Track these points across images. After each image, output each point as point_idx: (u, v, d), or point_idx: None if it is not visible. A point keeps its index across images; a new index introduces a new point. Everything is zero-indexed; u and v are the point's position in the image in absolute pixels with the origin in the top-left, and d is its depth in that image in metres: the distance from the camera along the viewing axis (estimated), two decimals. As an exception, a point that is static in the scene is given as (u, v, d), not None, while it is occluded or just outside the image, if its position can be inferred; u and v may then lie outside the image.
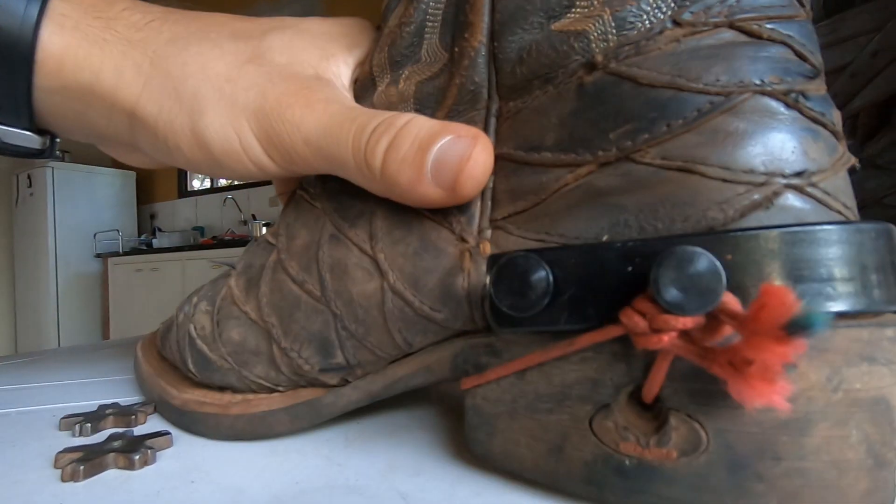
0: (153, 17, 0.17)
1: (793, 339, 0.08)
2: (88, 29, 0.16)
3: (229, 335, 0.17)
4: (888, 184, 0.31)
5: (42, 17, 0.15)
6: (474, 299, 0.13)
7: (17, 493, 0.14)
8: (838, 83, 0.32)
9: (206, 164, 0.17)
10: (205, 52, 0.16)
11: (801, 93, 0.11)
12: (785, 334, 0.08)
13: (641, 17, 0.12)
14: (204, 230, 3.24)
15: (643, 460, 0.11)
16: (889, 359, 0.10)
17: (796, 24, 0.12)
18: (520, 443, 0.13)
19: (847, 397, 0.10)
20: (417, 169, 0.13)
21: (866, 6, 0.30)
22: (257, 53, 0.17)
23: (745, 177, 0.11)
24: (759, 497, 0.10)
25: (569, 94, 0.13)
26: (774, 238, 0.10)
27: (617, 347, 0.11)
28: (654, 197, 0.11)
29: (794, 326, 0.08)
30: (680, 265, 0.10)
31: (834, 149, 0.11)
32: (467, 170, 0.13)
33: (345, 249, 0.15)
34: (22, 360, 0.35)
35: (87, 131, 0.18)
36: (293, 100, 0.15)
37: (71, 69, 0.16)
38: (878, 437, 0.10)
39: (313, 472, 0.15)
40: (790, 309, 0.08)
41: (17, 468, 0.16)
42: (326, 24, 0.18)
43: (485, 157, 0.13)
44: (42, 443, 0.18)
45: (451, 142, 0.13)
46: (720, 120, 0.11)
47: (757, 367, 0.09)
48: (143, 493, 0.14)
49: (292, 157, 0.16)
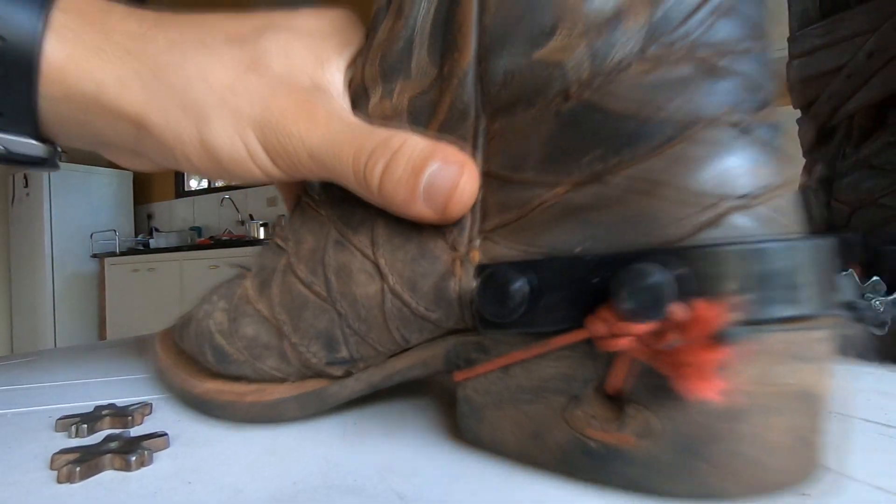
0: (149, 25, 0.18)
1: (719, 347, 0.10)
2: (88, 39, 0.17)
3: (244, 331, 0.20)
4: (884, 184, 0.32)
5: (46, 29, 0.16)
6: (465, 302, 0.15)
7: (13, 495, 0.14)
8: (835, 84, 0.33)
9: (215, 171, 0.18)
10: (204, 60, 0.17)
11: (750, 122, 0.13)
12: (713, 343, 0.10)
13: (613, 51, 0.14)
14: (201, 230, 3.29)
15: (607, 444, 0.13)
16: (815, 357, 0.12)
17: (751, 57, 0.14)
18: (504, 429, 0.15)
19: (778, 391, 0.12)
20: (411, 191, 0.15)
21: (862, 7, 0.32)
22: (255, 59, 0.18)
23: (698, 198, 0.13)
24: (701, 475, 0.12)
25: (548, 118, 0.15)
26: (720, 253, 0.12)
27: (586, 348, 0.13)
28: (621, 215, 0.13)
29: (720, 337, 0.10)
30: (635, 280, 0.12)
31: (780, 171, 0.13)
32: (455, 197, 0.15)
33: (349, 254, 0.18)
34: (18, 360, 0.35)
35: (91, 139, 0.19)
36: (297, 114, 0.17)
37: (74, 79, 0.17)
38: (805, 424, 0.12)
39: (311, 473, 0.15)
40: (718, 322, 0.10)
41: (13, 469, 0.16)
42: (316, 21, 0.19)
43: (471, 185, 0.15)
44: (38, 444, 0.18)
45: (440, 169, 0.15)
46: (679, 147, 0.13)
47: (693, 368, 0.11)
48: (139, 495, 0.14)
49: (297, 166, 0.17)
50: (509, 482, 0.14)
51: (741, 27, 0.14)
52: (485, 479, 0.14)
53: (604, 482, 0.13)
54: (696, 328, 0.11)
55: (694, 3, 0.13)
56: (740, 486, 0.12)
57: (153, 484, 0.15)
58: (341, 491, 0.14)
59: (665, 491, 0.13)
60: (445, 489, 0.14)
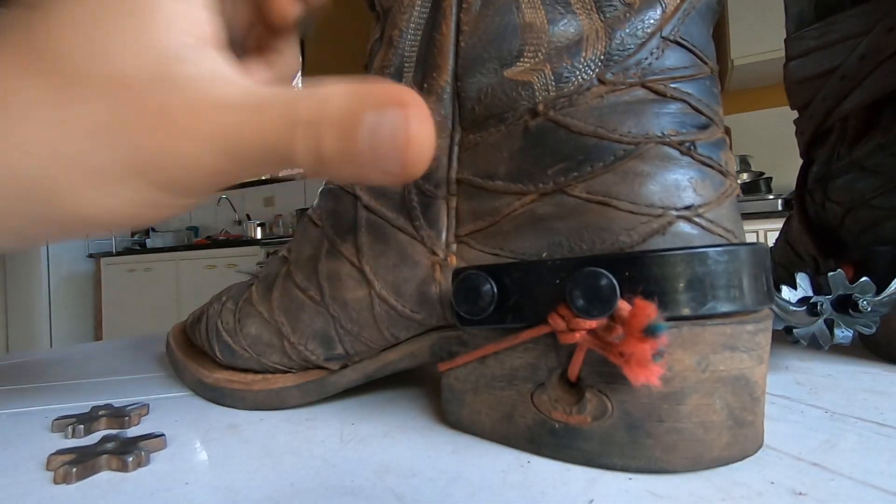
0: None
1: (651, 339, 0.13)
2: None
3: (248, 330, 0.23)
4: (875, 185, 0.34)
5: None
6: (445, 303, 0.18)
7: (9, 496, 0.15)
8: (829, 85, 0.35)
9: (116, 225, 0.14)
10: (10, 114, 0.12)
11: (693, 142, 0.16)
12: (645, 335, 0.13)
13: (575, 74, 0.16)
14: (198, 230, 3.37)
15: (568, 424, 0.16)
16: (748, 347, 0.15)
17: (696, 82, 0.16)
18: (481, 412, 0.18)
19: (713, 376, 0.15)
20: (355, 162, 0.12)
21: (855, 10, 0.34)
22: (66, 75, 0.12)
23: (646, 209, 0.15)
24: (648, 449, 0.15)
25: (517, 133, 0.17)
26: (665, 258, 0.15)
27: (549, 341, 0.16)
28: (580, 223, 0.16)
29: (650, 330, 0.13)
30: (586, 282, 0.14)
31: (720, 184, 0.16)
32: (411, 150, 0.12)
33: (338, 262, 0.20)
34: (13, 361, 0.36)
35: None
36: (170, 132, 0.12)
37: None
38: (738, 405, 0.15)
39: (308, 474, 0.15)
40: (649, 318, 0.13)
41: (9, 470, 0.16)
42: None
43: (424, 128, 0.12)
44: (34, 445, 0.18)
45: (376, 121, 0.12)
46: (631, 164, 0.16)
47: (634, 356, 0.14)
48: (136, 495, 0.14)
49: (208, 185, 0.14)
50: (507, 484, 0.15)
51: (687, 55, 0.16)
52: (482, 481, 0.15)
53: (566, 459, 0.16)
54: (632, 323, 0.13)
55: (645, 34, 0.16)
56: (683, 460, 0.15)
57: (150, 485, 0.15)
58: (338, 492, 0.14)
59: (619, 465, 0.15)
60: (443, 490, 0.14)
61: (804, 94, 0.37)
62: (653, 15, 0.16)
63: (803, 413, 0.19)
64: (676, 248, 0.15)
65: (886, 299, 0.27)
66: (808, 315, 0.26)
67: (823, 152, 0.37)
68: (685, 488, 0.14)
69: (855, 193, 0.34)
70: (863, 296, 0.29)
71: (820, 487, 0.14)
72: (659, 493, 0.14)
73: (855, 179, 0.35)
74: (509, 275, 0.16)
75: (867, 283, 0.29)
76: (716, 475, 0.15)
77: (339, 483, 0.15)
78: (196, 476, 0.16)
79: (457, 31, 0.18)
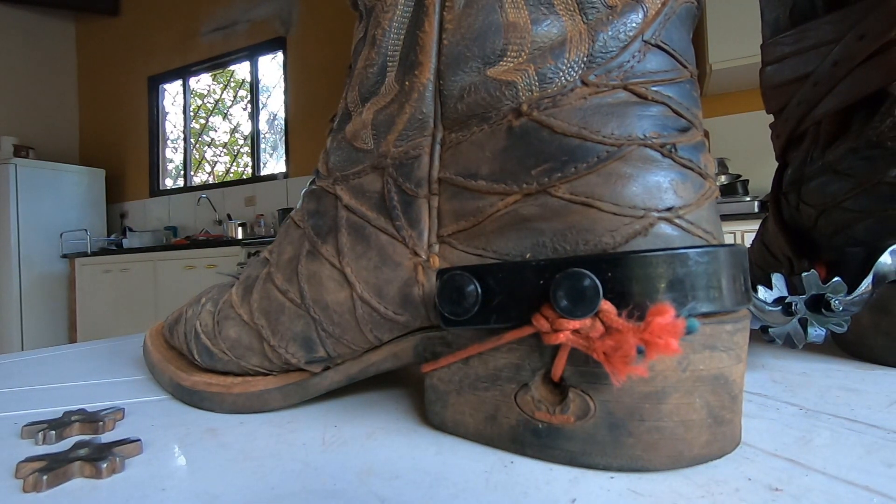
0: None
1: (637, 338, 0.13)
2: None
3: (227, 333, 0.22)
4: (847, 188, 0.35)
5: None
6: (428, 304, 0.18)
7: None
8: (803, 91, 0.36)
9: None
10: None
11: (674, 144, 0.16)
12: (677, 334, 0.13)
13: (558, 75, 0.17)
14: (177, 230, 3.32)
15: (551, 424, 0.16)
16: (727, 346, 0.15)
17: (676, 86, 0.16)
18: (465, 413, 0.18)
19: (693, 375, 0.15)
20: None
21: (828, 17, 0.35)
22: None
23: (629, 211, 0.16)
24: (629, 447, 0.15)
25: (500, 133, 0.17)
26: (647, 259, 0.15)
27: (533, 341, 0.16)
28: (564, 224, 0.16)
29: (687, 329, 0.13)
30: (570, 283, 0.14)
31: (700, 186, 0.16)
32: None
33: (318, 263, 0.20)
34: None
35: None
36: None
37: None
38: (717, 403, 0.15)
39: (289, 477, 0.15)
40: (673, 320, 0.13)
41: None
42: None
43: None
44: (2, 452, 0.18)
45: None
46: (613, 166, 0.16)
47: (617, 356, 0.14)
48: (110, 503, 0.14)
49: None
50: (490, 484, 0.15)
51: (668, 59, 0.16)
52: (466, 482, 0.15)
53: (549, 459, 0.16)
54: (617, 322, 0.13)
55: (627, 37, 0.16)
56: (664, 458, 0.15)
57: (125, 492, 0.15)
58: (320, 495, 0.14)
59: (602, 465, 0.15)
60: (427, 491, 0.14)
61: (779, 99, 0.38)
62: (634, 18, 0.16)
63: (779, 410, 0.20)
64: (658, 250, 0.15)
65: (857, 299, 0.28)
66: (783, 315, 0.26)
67: (798, 156, 0.38)
68: (666, 486, 0.14)
69: (827, 196, 0.35)
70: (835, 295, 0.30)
71: (795, 483, 0.14)
72: (640, 491, 0.14)
73: (828, 182, 0.36)
74: (493, 275, 0.16)
75: (839, 284, 0.30)
76: (695, 473, 0.15)
77: (321, 486, 0.15)
78: (173, 482, 0.15)
79: (440, 28, 0.18)
